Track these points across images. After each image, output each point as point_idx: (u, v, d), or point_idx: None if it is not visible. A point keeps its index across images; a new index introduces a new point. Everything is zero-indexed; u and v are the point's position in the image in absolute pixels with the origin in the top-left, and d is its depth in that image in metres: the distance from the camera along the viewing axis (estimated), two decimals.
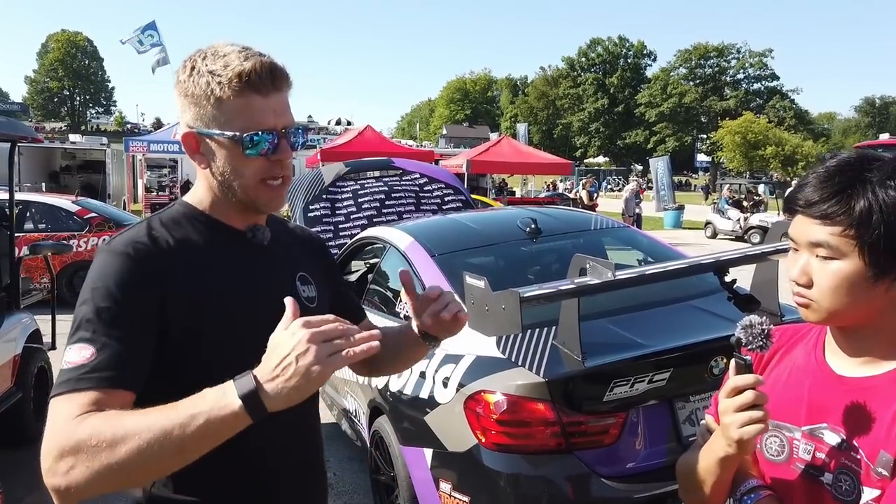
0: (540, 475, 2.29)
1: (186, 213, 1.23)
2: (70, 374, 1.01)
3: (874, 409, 0.97)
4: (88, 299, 1.08)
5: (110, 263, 1.10)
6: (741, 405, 0.98)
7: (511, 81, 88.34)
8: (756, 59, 63.23)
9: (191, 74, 1.14)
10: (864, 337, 1.01)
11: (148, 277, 1.11)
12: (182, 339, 1.12)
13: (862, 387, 0.99)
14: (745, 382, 0.99)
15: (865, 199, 0.94)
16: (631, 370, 2.31)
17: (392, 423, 2.94)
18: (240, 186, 1.17)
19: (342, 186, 5.66)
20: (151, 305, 1.09)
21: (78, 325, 1.07)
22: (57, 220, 8.93)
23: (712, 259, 2.41)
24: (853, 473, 0.97)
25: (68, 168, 20.47)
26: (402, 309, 3.30)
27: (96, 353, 1.03)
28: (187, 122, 1.17)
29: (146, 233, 1.17)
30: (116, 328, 1.06)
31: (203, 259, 1.18)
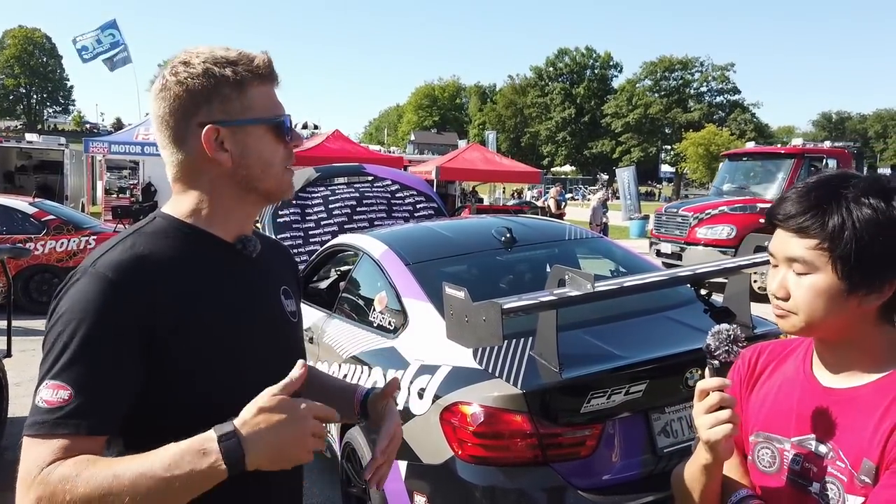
0: (516, 488, 2.27)
1: (172, 227, 1.14)
2: (45, 416, 0.96)
3: (858, 418, 0.99)
4: (67, 330, 0.99)
5: (93, 291, 1.01)
6: (708, 407, 1.03)
7: (480, 89, 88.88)
8: (719, 72, 64.84)
9: (204, 69, 1.09)
10: (843, 349, 1.04)
11: (136, 308, 1.02)
12: (174, 364, 1.06)
13: (846, 398, 1.01)
14: (711, 385, 1.04)
15: (839, 215, 0.98)
16: (608, 382, 2.31)
17: (364, 435, 2.89)
18: (270, 176, 1.16)
19: (312, 192, 5.59)
20: (138, 339, 1.02)
21: (55, 357, 0.99)
22: (13, 222, 8.61)
23: (689, 272, 2.43)
24: (839, 482, 1.00)
25: (24, 168, 19.87)
26: (374, 318, 3.26)
27: (74, 395, 0.96)
28: (204, 120, 1.10)
29: (132, 253, 1.07)
30: (97, 368, 0.99)
31: (194, 278, 1.12)
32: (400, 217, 5.68)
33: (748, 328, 2.63)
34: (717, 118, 58.90)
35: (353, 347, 3.23)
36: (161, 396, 1.05)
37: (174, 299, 1.06)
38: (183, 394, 1.07)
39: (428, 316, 2.88)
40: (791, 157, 11.26)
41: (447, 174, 16.99)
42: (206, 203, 1.15)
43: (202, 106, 1.10)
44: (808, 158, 11.05)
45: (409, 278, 3.13)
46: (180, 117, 1.11)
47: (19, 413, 4.96)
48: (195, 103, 1.10)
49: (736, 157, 13.09)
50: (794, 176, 10.92)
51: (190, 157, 1.13)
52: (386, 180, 5.96)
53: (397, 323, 3.03)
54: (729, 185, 12.20)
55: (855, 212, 0.97)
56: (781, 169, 11.22)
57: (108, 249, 1.09)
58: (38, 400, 0.97)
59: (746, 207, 10.80)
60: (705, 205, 11.35)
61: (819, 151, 11.34)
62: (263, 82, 1.13)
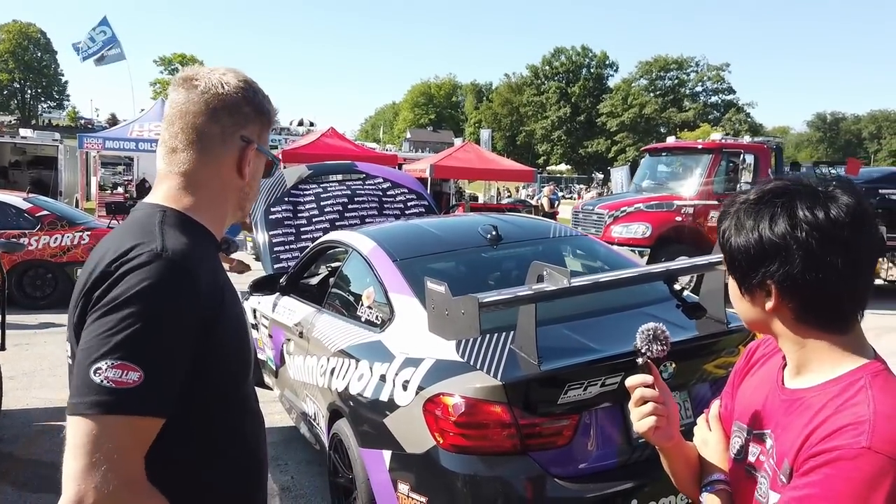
0: (496, 475, 2.35)
1: (186, 222, 1.20)
2: (112, 396, 0.98)
3: (795, 419, 1.03)
4: (139, 313, 1.01)
5: (168, 278, 1.05)
6: (634, 402, 1.16)
7: (476, 87, 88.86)
8: (714, 72, 65.04)
9: (255, 90, 1.26)
10: (787, 350, 1.09)
11: (200, 297, 1.08)
12: (210, 352, 1.11)
13: (794, 398, 1.06)
14: (634, 382, 1.16)
15: (725, 222, 1.09)
16: (585, 374, 2.38)
17: (351, 426, 2.97)
18: (252, 199, 1.34)
19: (304, 189, 5.65)
20: (199, 322, 1.08)
21: (124, 338, 1.00)
22: (7, 217, 8.65)
23: (662, 268, 2.51)
24: (768, 477, 1.06)
25: (18, 164, 19.83)
26: (362, 313, 3.33)
27: (144, 377, 0.99)
28: (249, 136, 1.25)
29: (185, 242, 1.13)
30: (168, 352, 1.03)
31: (217, 268, 1.21)
32: (391, 214, 5.74)
33: (722, 324, 2.71)
34: (711, 118, 59.06)
35: (341, 341, 3.30)
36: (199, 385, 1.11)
37: (213, 290, 1.14)
38: (217, 380, 1.15)
39: (413, 311, 2.95)
40: (709, 152, 10.85)
41: (441, 172, 17.04)
42: (212, 204, 1.25)
43: (250, 124, 1.25)
44: (727, 154, 10.67)
45: (396, 274, 3.21)
46: (231, 122, 1.23)
47: (13, 406, 5.02)
48: (245, 118, 1.24)
49: (656, 153, 12.57)
50: (711, 171, 10.56)
51: (218, 159, 1.23)
52: (377, 178, 6.03)
53: (384, 317, 3.11)
54: (648, 182, 11.77)
55: (734, 223, 1.07)
56: (700, 164, 10.83)
57: (161, 237, 1.11)
58: (101, 379, 0.98)
59: (663, 205, 10.42)
60: (621, 202, 10.92)
61: (737, 146, 10.87)
62: (271, 128, 1.33)
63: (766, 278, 1.02)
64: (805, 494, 0.94)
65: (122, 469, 0.99)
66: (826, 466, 0.93)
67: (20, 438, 4.53)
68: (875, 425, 0.92)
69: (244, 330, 1.26)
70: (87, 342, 1.01)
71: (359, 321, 3.31)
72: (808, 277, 0.99)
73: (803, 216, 1.00)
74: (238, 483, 1.23)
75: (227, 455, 1.20)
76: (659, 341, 1.15)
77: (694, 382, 2.67)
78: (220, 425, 1.18)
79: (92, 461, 0.97)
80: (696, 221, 10.31)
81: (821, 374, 1.03)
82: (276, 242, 5.16)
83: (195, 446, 1.14)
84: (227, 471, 1.20)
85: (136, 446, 1.01)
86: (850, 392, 0.98)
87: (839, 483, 0.91)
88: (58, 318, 7.90)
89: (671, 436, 1.16)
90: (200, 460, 1.15)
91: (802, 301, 1.02)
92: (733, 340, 2.76)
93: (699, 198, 10.45)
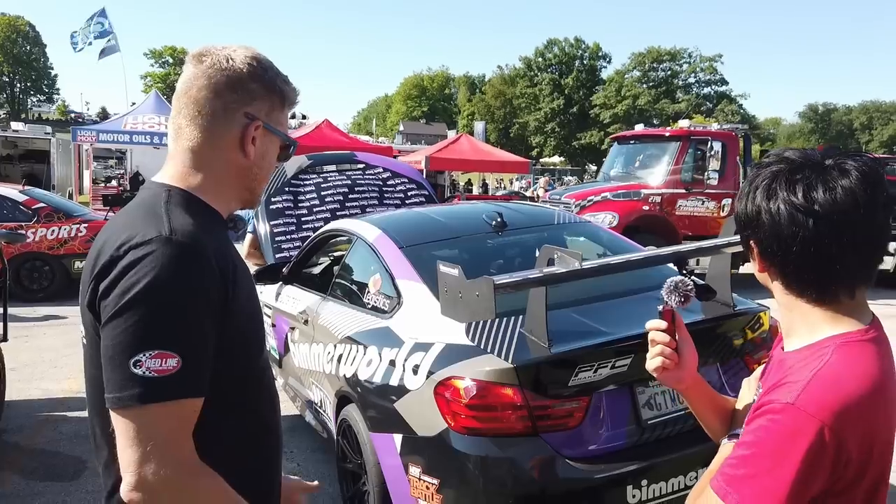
0: (507, 457, 2.37)
1: (193, 202, 1.19)
2: (158, 385, 1.00)
3: (775, 378, 1.09)
4: (160, 299, 1.02)
5: (182, 261, 1.05)
6: (649, 343, 1.29)
7: (469, 79, 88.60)
8: (707, 63, 65.04)
9: (267, 68, 1.23)
10: (779, 312, 1.16)
11: (216, 276, 1.09)
12: (227, 331, 1.12)
13: (781, 358, 1.13)
14: (649, 326, 1.29)
15: (740, 203, 1.14)
16: (595, 356, 2.41)
17: (361, 411, 2.99)
18: (263, 183, 1.29)
19: (304, 179, 5.65)
20: (219, 300, 1.09)
21: (153, 327, 1.01)
22: (3, 209, 8.61)
23: (671, 251, 2.54)
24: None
25: (9, 157, 19.69)
26: (369, 300, 3.35)
27: (182, 362, 1.02)
28: (254, 114, 1.21)
29: (194, 222, 1.12)
30: (197, 334, 1.05)
31: (228, 246, 1.20)
32: (391, 204, 5.75)
33: (728, 306, 2.74)
34: (704, 109, 59.16)
35: (347, 328, 3.31)
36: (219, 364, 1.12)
37: (227, 267, 1.14)
38: (234, 360, 1.16)
39: (421, 296, 2.97)
40: (676, 139, 10.71)
41: (437, 164, 17.07)
42: (217, 183, 1.22)
43: (256, 101, 1.21)
44: (694, 141, 10.53)
45: (402, 261, 3.22)
46: (234, 99, 1.18)
47: (16, 397, 5.02)
48: (251, 95, 1.20)
49: (624, 141, 12.35)
50: (679, 159, 10.42)
51: (223, 136, 1.20)
52: (377, 168, 6.03)
53: (391, 304, 3.12)
54: (616, 171, 11.60)
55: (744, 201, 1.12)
56: (667, 152, 10.68)
57: (168, 220, 1.10)
58: (143, 371, 1.00)
59: (630, 193, 10.28)
60: (587, 191, 10.79)
61: (705, 134, 10.71)
62: (290, 109, 1.29)
63: (749, 241, 1.13)
64: (743, 440, 1.03)
65: (176, 452, 1.03)
66: (759, 418, 1.01)
67: (24, 429, 4.53)
68: (808, 385, 0.98)
69: (256, 306, 1.26)
70: (117, 336, 1.02)
71: (365, 308, 3.32)
72: (773, 248, 1.07)
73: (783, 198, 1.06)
74: (255, 460, 1.24)
75: (244, 431, 1.21)
76: (678, 292, 1.26)
77: (701, 365, 2.69)
78: (238, 403, 1.19)
79: (147, 449, 1.00)
80: (663, 210, 10.18)
81: (802, 339, 1.09)
82: (277, 232, 5.16)
83: (215, 425, 1.14)
84: (244, 447, 1.22)
85: (184, 428, 1.05)
86: (815, 357, 1.04)
87: (763, 433, 0.99)
88: (57, 311, 7.88)
89: (680, 379, 1.29)
90: (219, 438, 1.16)
91: (779, 269, 1.09)
92: (739, 323, 2.79)
93: (667, 186, 10.34)
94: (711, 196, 10.46)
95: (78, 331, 1.16)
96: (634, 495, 2.39)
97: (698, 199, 10.48)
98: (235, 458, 1.18)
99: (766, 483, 0.96)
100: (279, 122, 1.26)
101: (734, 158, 10.79)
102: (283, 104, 1.26)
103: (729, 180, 10.58)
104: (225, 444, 1.17)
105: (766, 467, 0.97)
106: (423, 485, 2.54)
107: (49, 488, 3.71)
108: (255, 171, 1.25)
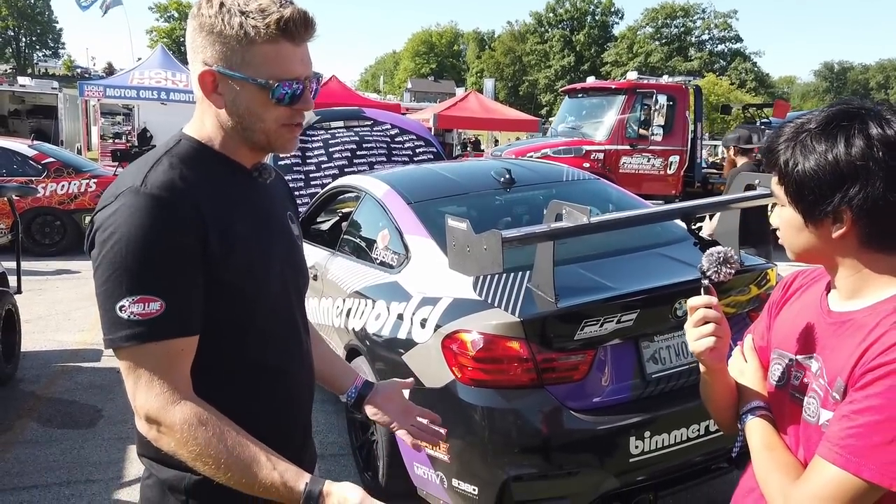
0: (513, 408, 2.42)
1: (199, 151, 1.20)
2: (144, 327, 1.06)
3: (845, 340, 1.05)
4: (135, 247, 1.06)
5: (153, 209, 1.07)
6: (695, 322, 1.16)
7: (478, 35, 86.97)
8: (721, 20, 63.62)
9: (220, 11, 1.11)
10: (840, 276, 1.10)
11: (191, 219, 1.10)
12: (220, 277, 1.14)
13: (842, 320, 1.08)
14: (698, 303, 1.15)
15: (787, 153, 1.07)
16: (600, 311, 2.44)
17: (370, 364, 3.04)
18: (260, 130, 1.18)
19: (312, 135, 5.63)
20: (197, 247, 1.11)
21: (131, 274, 1.06)
22: (12, 164, 8.64)
23: (679, 206, 2.54)
24: (818, 397, 1.08)
25: (17, 112, 19.63)
26: (377, 255, 3.37)
27: (165, 304, 1.07)
28: (206, 61, 1.14)
29: (175, 173, 1.14)
30: (178, 276, 1.09)
31: (227, 197, 1.19)
32: (399, 161, 5.74)
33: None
34: (717, 67, 58.09)
35: (356, 283, 3.35)
36: (209, 310, 1.14)
37: (217, 216, 1.15)
38: (222, 307, 1.16)
39: (429, 251, 2.99)
40: (622, 92, 10.29)
41: (445, 122, 16.92)
42: (220, 133, 1.20)
43: (208, 47, 1.13)
44: (641, 94, 10.12)
45: (411, 216, 3.24)
46: (195, 48, 1.16)
47: (31, 348, 5.13)
48: (204, 42, 1.13)
49: (574, 94, 11.87)
50: (624, 114, 10.02)
51: (199, 87, 1.18)
52: (385, 124, 6.00)
53: (399, 259, 3.15)
54: (564, 126, 11.19)
55: (799, 151, 1.05)
56: (614, 105, 10.27)
57: (148, 170, 1.13)
58: (128, 315, 1.06)
59: (571, 150, 9.92)
60: (528, 147, 10.34)
61: (650, 87, 10.29)
62: (275, 41, 1.11)
63: (842, 204, 1.02)
64: (866, 406, 0.96)
65: (167, 386, 1.09)
66: (886, 378, 0.95)
67: (41, 378, 4.64)
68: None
69: (260, 258, 1.22)
70: (102, 286, 1.08)
71: (374, 263, 3.35)
72: (890, 198, 0.99)
73: (879, 135, 1.00)
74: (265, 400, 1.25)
75: (246, 385, 1.22)
76: (728, 264, 1.16)
77: None
78: (234, 346, 1.20)
79: (139, 383, 1.09)
80: (605, 167, 9.81)
81: (873, 296, 1.05)
82: None
83: (212, 373, 1.17)
84: (248, 388, 1.22)
85: (174, 364, 1.10)
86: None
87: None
88: (69, 265, 7.98)
89: (723, 357, 1.19)
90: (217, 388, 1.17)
91: (876, 224, 1.02)
92: (745, 280, 2.80)
93: (610, 142, 10.01)
94: (658, 153, 10.06)
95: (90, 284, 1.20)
96: (637, 446, 2.44)
97: (644, 157, 10.10)
98: (240, 398, 1.20)
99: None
100: (244, 63, 1.12)
101: (683, 113, 10.37)
102: (246, 42, 1.10)
103: (677, 136, 10.15)
104: (226, 383, 1.20)
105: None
106: None
107: (66, 435, 3.82)
108: (236, 119, 1.16)
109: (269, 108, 1.15)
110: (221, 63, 1.13)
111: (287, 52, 1.13)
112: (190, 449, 1.08)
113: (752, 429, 1.18)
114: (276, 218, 1.33)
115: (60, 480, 3.35)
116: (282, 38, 1.12)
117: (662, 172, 10.14)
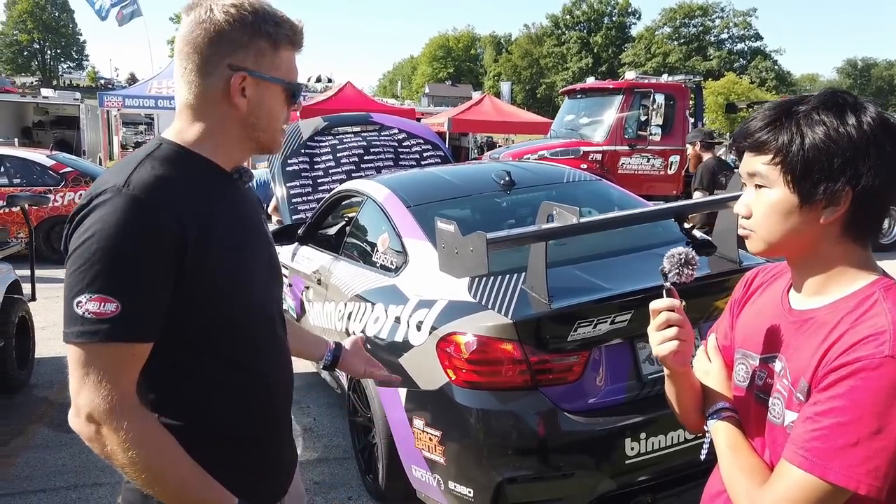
0: (507, 410, 2.41)
1: (179, 153, 1.21)
2: (96, 326, 1.06)
3: (807, 339, 1.03)
4: (106, 246, 1.06)
5: (130, 210, 1.08)
6: (657, 326, 1.13)
7: (495, 39, 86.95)
8: (740, 18, 62.93)
9: (249, 16, 1.17)
10: (808, 271, 1.07)
11: (171, 224, 1.10)
12: (199, 281, 1.14)
13: (803, 318, 1.06)
14: (660, 306, 1.13)
15: (789, 129, 1.01)
16: (594, 312, 2.42)
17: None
18: (273, 130, 1.26)
19: (320, 141, 5.67)
20: (172, 254, 1.10)
21: (96, 272, 1.06)
22: (31, 174, 8.82)
23: (672, 206, 2.51)
24: (783, 398, 1.06)
25: (41, 123, 20.00)
26: (377, 259, 3.39)
27: (122, 307, 1.06)
28: (238, 64, 1.17)
29: (156, 175, 1.14)
30: (141, 281, 1.08)
31: (207, 201, 1.20)
32: (407, 165, 5.75)
33: (734, 263, 2.72)
34: (737, 66, 57.45)
35: (357, 286, 3.37)
36: (182, 313, 1.14)
37: (197, 220, 1.14)
38: (203, 310, 1.17)
39: (427, 254, 3.00)
40: (619, 92, 10.08)
41: (459, 126, 16.91)
42: (213, 136, 1.22)
43: (239, 50, 1.17)
44: (639, 94, 9.91)
45: (409, 220, 3.25)
46: (214, 52, 1.17)
47: (45, 354, 5.22)
48: (233, 45, 1.17)
49: (573, 95, 11.67)
50: (622, 113, 9.85)
51: (210, 90, 1.20)
52: (393, 129, 6.02)
53: (398, 262, 3.16)
54: (564, 127, 11.02)
55: (804, 126, 1.00)
56: (612, 106, 10.07)
57: (132, 172, 1.13)
58: (83, 311, 1.05)
59: (569, 151, 9.72)
60: (526, 149, 10.18)
61: (648, 86, 10.09)
62: (293, 48, 1.24)
63: (847, 184, 0.98)
64: (830, 408, 0.94)
65: (111, 389, 1.08)
66: (849, 378, 0.93)
67: (54, 384, 4.73)
68: (895, 334, 0.93)
69: (241, 260, 1.23)
70: (68, 277, 1.09)
71: (374, 266, 3.37)
72: (891, 180, 0.98)
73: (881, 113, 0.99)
74: (242, 419, 1.25)
75: (227, 388, 1.22)
76: (690, 265, 1.14)
77: (704, 319, 2.69)
78: (206, 348, 1.19)
79: (85, 382, 1.08)
80: (604, 169, 9.59)
81: (834, 293, 1.03)
82: (293, 194, 5.21)
83: (190, 376, 1.18)
84: (228, 405, 1.22)
85: (122, 369, 1.10)
86: (866, 306, 0.99)
87: (862, 393, 0.92)
88: None
89: (688, 360, 1.17)
90: (197, 391, 1.18)
91: (865, 208, 1.00)
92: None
93: (608, 143, 9.83)
94: (658, 153, 9.89)
95: None
96: (633, 448, 2.42)
97: (643, 157, 9.92)
98: (205, 399, 1.21)
99: (876, 445, 0.91)
100: (273, 66, 1.21)
101: (683, 112, 10.20)
102: (276, 47, 1.20)
103: (677, 136, 9.95)
104: (191, 384, 1.20)
105: (872, 429, 0.91)
106: (427, 436, 2.61)
107: (75, 440, 3.81)
108: (253, 120, 1.22)
109: (284, 109, 1.26)
110: (254, 65, 1.19)
111: (294, 59, 1.26)
112: (129, 455, 1.08)
113: (717, 431, 1.16)
114: (255, 220, 1.35)
115: (68, 484, 3.41)
116: (295, 47, 1.25)
117: (663, 172, 10.00)
